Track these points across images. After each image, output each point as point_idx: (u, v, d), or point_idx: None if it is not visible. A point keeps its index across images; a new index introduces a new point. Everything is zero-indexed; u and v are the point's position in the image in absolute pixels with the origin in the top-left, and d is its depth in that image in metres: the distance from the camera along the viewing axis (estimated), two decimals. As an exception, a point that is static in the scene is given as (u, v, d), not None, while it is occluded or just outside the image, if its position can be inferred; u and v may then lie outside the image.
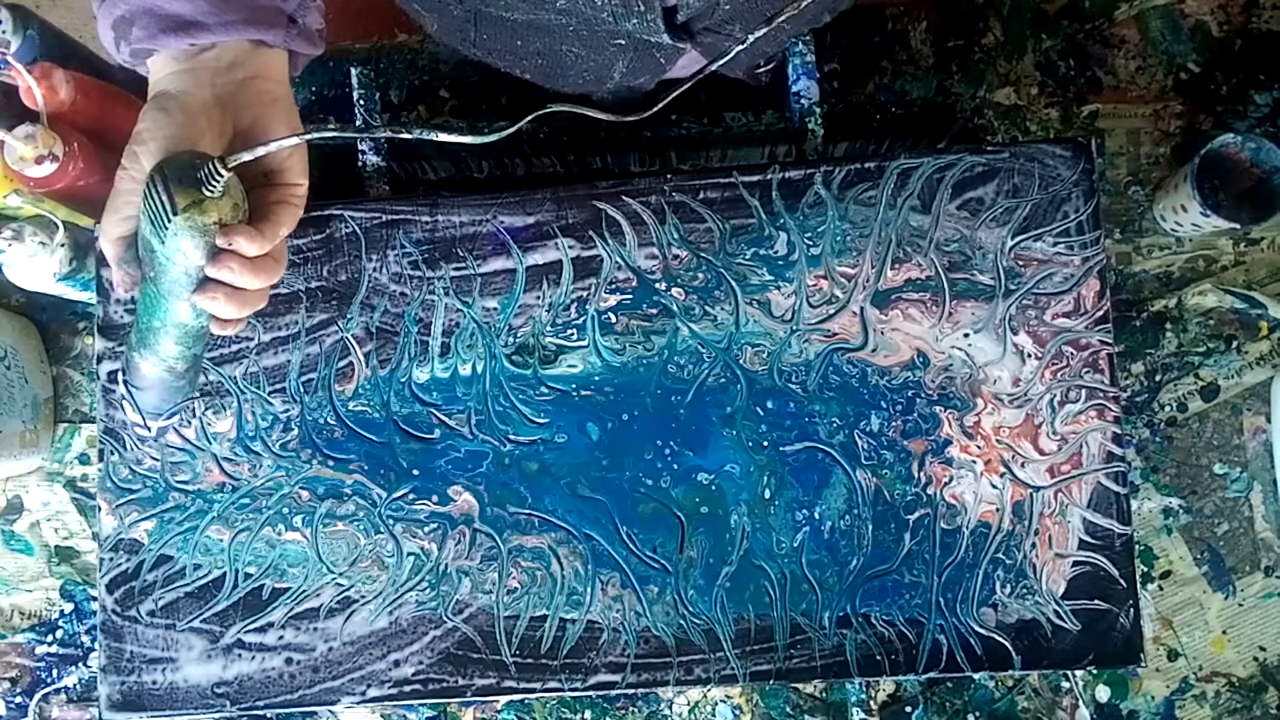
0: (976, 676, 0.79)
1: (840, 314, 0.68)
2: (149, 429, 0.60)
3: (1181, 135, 0.83)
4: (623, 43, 0.62)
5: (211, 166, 0.45)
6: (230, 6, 0.48)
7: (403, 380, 0.70)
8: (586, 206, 0.70)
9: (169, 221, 0.45)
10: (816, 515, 0.68)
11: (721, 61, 0.62)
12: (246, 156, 0.46)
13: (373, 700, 0.68)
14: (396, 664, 0.68)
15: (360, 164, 0.77)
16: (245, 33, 0.49)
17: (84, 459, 0.86)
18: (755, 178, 0.69)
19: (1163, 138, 0.83)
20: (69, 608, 0.85)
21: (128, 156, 0.48)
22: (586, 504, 0.68)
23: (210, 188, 0.45)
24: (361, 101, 0.76)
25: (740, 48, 0.62)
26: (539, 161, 0.85)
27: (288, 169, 0.50)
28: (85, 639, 0.85)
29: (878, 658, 0.67)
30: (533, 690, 0.68)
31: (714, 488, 0.68)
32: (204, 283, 0.48)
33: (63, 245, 0.77)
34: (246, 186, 0.48)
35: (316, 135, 0.47)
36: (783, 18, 0.61)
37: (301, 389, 0.70)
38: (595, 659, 0.68)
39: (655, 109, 0.64)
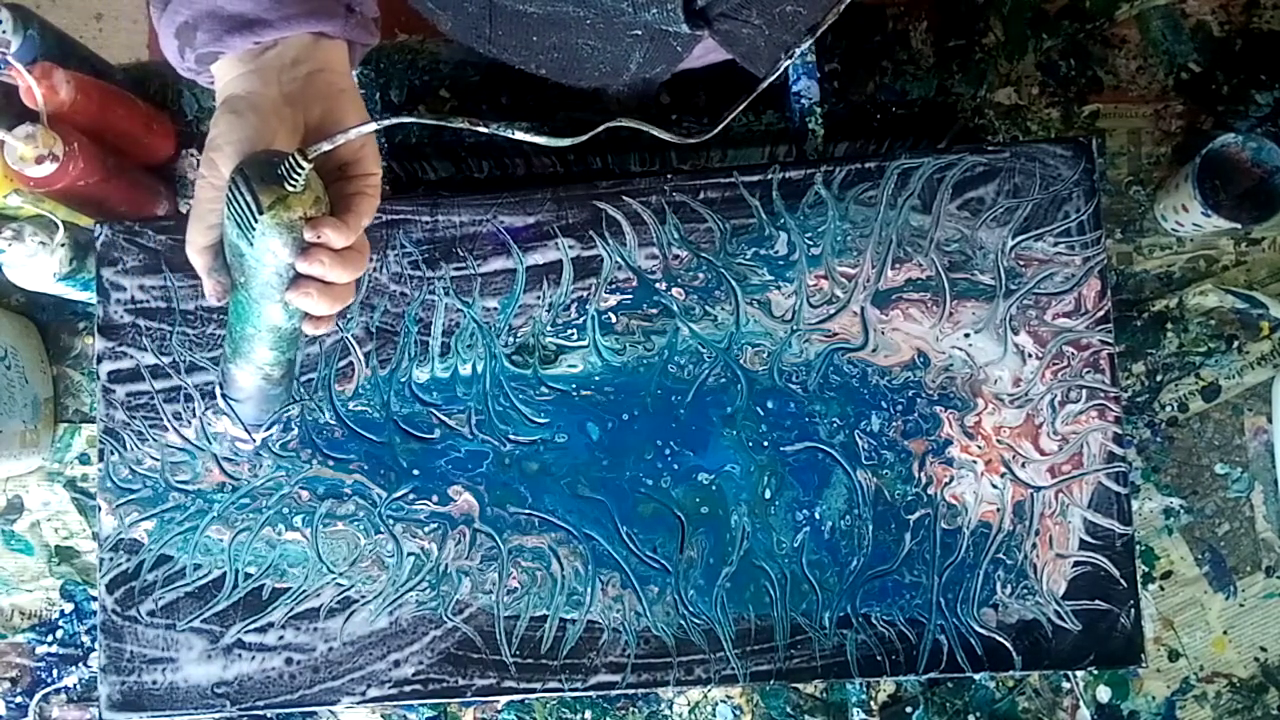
0: (977, 677, 0.79)
1: (841, 314, 0.68)
2: (253, 440, 0.59)
3: (1182, 135, 0.83)
4: (639, 33, 0.62)
5: (292, 161, 0.44)
6: (290, 0, 0.48)
7: (403, 380, 0.70)
8: (586, 206, 0.70)
9: (256, 221, 0.45)
10: (817, 515, 0.67)
11: (771, 77, 0.62)
12: (326, 146, 0.45)
13: (373, 700, 0.68)
14: (396, 664, 0.68)
15: (360, 164, 0.76)
16: (307, 25, 0.49)
17: (84, 459, 0.86)
18: (755, 178, 0.69)
19: (1164, 137, 0.83)
20: (69, 608, 0.85)
21: (205, 165, 0.48)
22: (587, 504, 0.68)
23: (292, 182, 0.45)
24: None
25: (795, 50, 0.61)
26: (539, 161, 0.85)
27: (361, 159, 0.50)
28: (85, 639, 0.85)
29: (878, 658, 0.67)
30: (533, 690, 0.68)
31: (714, 488, 0.68)
32: (295, 280, 0.48)
33: (63, 245, 0.77)
34: (323, 181, 0.48)
35: (393, 121, 0.47)
36: (830, 20, 0.61)
37: (301, 389, 0.70)
38: (595, 659, 0.68)
39: (717, 130, 0.63)
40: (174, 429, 0.71)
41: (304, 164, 0.44)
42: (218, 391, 0.56)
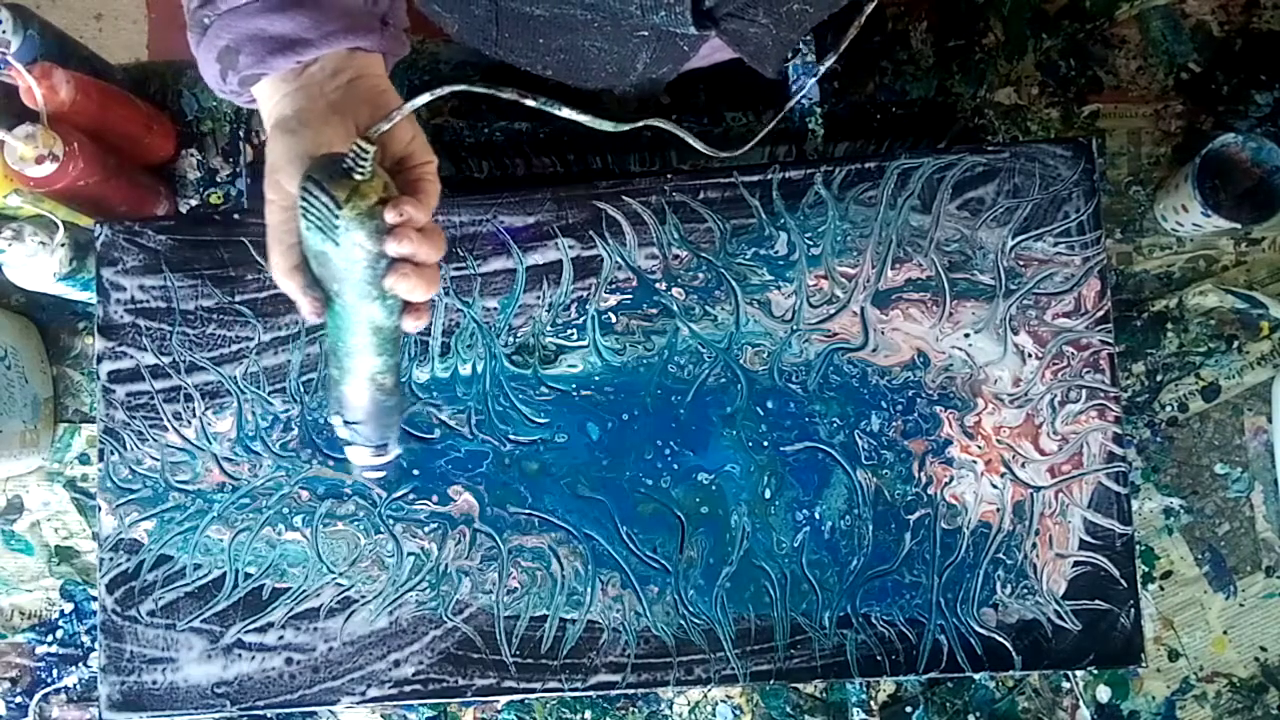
0: (977, 677, 0.79)
1: (840, 314, 0.68)
2: (385, 463, 0.58)
3: (1182, 135, 0.83)
4: (646, 34, 0.62)
5: (357, 148, 0.45)
6: (329, 18, 0.49)
7: (403, 380, 0.70)
8: (586, 206, 0.70)
9: (337, 218, 0.45)
10: (817, 515, 0.67)
11: (801, 94, 0.62)
12: (385, 125, 0.46)
13: (373, 700, 0.68)
14: (396, 664, 0.68)
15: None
16: (347, 41, 0.50)
17: (84, 459, 0.86)
18: (755, 178, 0.69)
19: (1163, 137, 0.83)
20: (69, 608, 0.85)
21: (270, 188, 0.49)
22: (586, 504, 0.68)
23: (361, 170, 0.45)
24: (361, 101, 0.76)
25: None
26: (539, 161, 0.85)
27: (414, 151, 0.51)
28: (85, 639, 0.85)
29: (878, 658, 0.67)
30: (533, 690, 0.68)
31: (714, 488, 0.68)
32: (390, 266, 0.48)
33: (63, 245, 0.77)
34: None
35: (449, 90, 0.47)
36: (852, 33, 0.61)
37: (301, 389, 0.70)
38: (595, 659, 0.68)
39: (750, 146, 0.63)
40: (174, 429, 0.71)
41: (367, 147, 0.45)
42: (335, 422, 0.55)
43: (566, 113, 0.49)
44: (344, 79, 0.50)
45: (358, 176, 0.45)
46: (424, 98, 0.46)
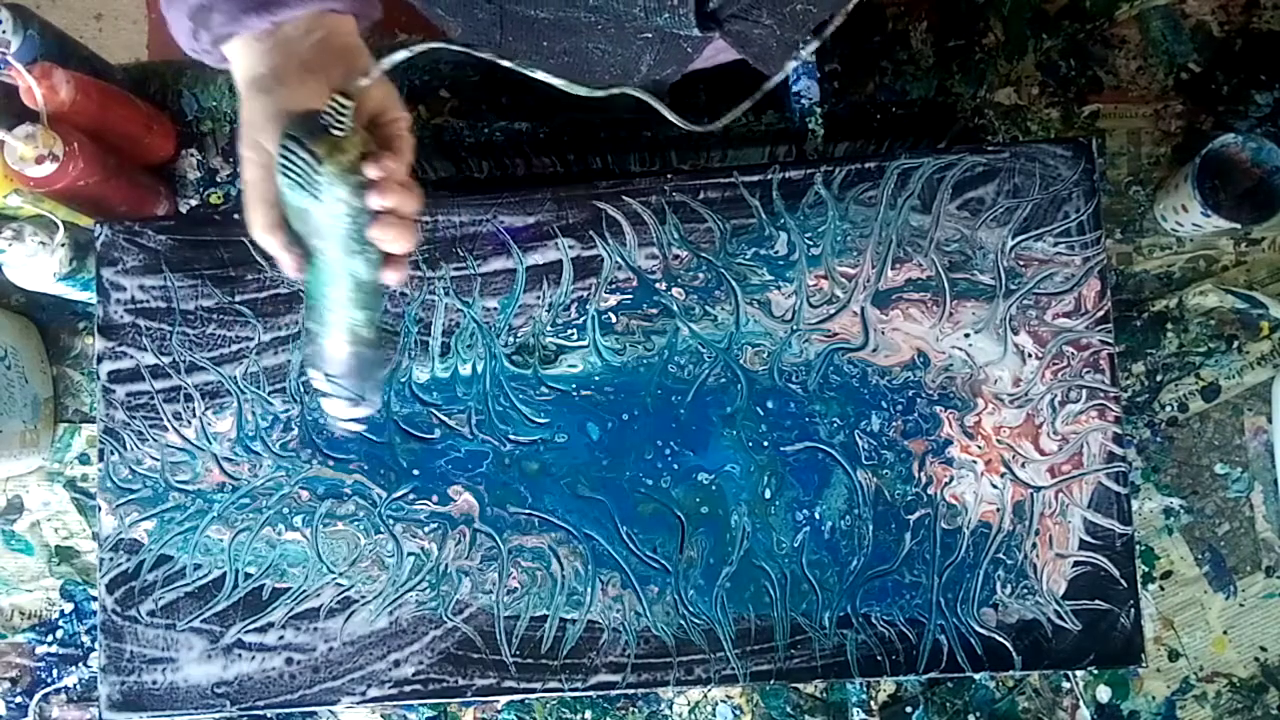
0: (977, 677, 0.79)
1: (841, 314, 0.68)
2: (362, 417, 0.58)
3: (1182, 135, 0.83)
4: (650, 36, 0.62)
5: (335, 103, 0.46)
6: None
7: (403, 380, 0.70)
8: (586, 206, 0.70)
9: (318, 174, 0.46)
10: (817, 515, 0.67)
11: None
12: (364, 81, 0.47)
13: (373, 700, 0.68)
14: (396, 664, 0.68)
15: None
16: (320, 2, 0.50)
17: (84, 459, 0.86)
18: (755, 178, 0.69)
19: (1163, 138, 0.83)
20: (69, 608, 0.85)
21: (247, 147, 0.49)
22: (587, 504, 0.68)
23: (339, 126, 0.46)
24: (362, 101, 0.76)
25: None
26: (539, 161, 0.85)
27: (387, 108, 0.52)
28: (85, 639, 0.85)
29: (878, 658, 0.67)
30: (533, 690, 0.68)
31: (714, 488, 0.68)
32: (373, 219, 0.49)
33: (63, 245, 0.77)
34: None
35: (424, 47, 0.47)
36: (838, 21, 0.61)
37: (301, 389, 0.70)
38: (595, 659, 0.68)
39: (723, 122, 0.64)
40: (174, 429, 0.71)
41: (346, 103, 0.46)
42: (314, 376, 0.55)
43: (541, 75, 0.50)
44: (316, 37, 0.51)
45: (337, 132, 0.46)
46: (401, 54, 0.47)
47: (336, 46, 0.51)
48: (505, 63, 0.49)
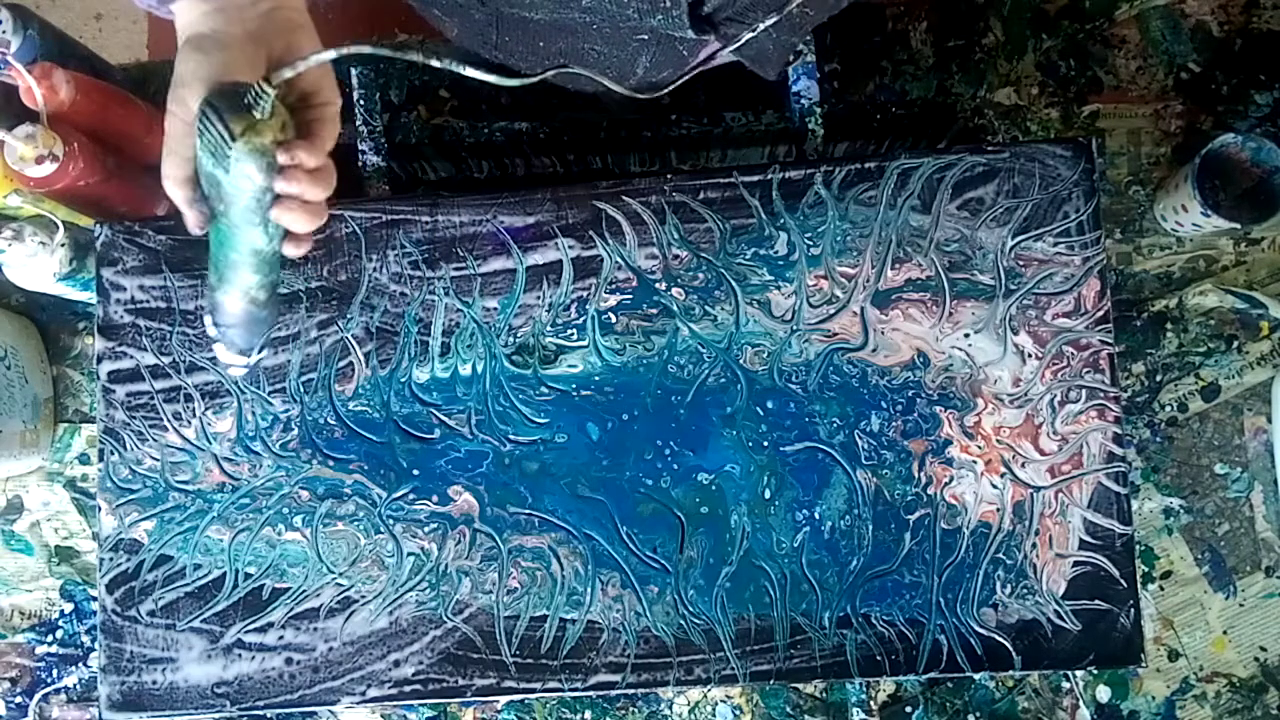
0: (977, 677, 0.79)
1: (840, 314, 0.68)
2: (245, 365, 0.60)
3: (1182, 135, 0.83)
4: (645, 38, 0.62)
5: (258, 88, 0.47)
6: None
7: (403, 380, 0.70)
8: (586, 206, 0.70)
9: (229, 149, 0.47)
10: (817, 515, 0.67)
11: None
12: (288, 73, 0.48)
13: (373, 700, 0.68)
14: (396, 664, 0.68)
15: (360, 164, 0.77)
16: None
17: (84, 459, 0.86)
18: (755, 178, 0.69)
19: (1163, 138, 0.83)
20: (69, 608, 0.85)
21: (174, 101, 0.50)
22: (586, 504, 0.68)
23: (260, 108, 0.47)
24: (361, 101, 0.76)
25: (751, 33, 0.62)
26: (539, 161, 0.85)
27: (320, 89, 0.53)
28: (85, 639, 0.85)
29: (878, 658, 0.67)
30: (533, 690, 0.68)
31: (714, 488, 0.68)
32: (276, 200, 0.50)
33: (63, 245, 0.77)
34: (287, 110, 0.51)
35: (347, 50, 0.49)
36: (797, 1, 0.62)
37: (301, 389, 0.70)
38: (595, 659, 0.68)
39: (673, 85, 0.64)
40: (174, 429, 0.71)
41: (269, 90, 0.47)
42: (207, 321, 0.58)
43: (470, 72, 0.51)
44: (264, 7, 0.51)
45: (256, 115, 0.47)
46: (330, 53, 0.48)
47: (281, 20, 0.52)
48: (435, 63, 0.49)
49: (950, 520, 0.67)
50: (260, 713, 0.70)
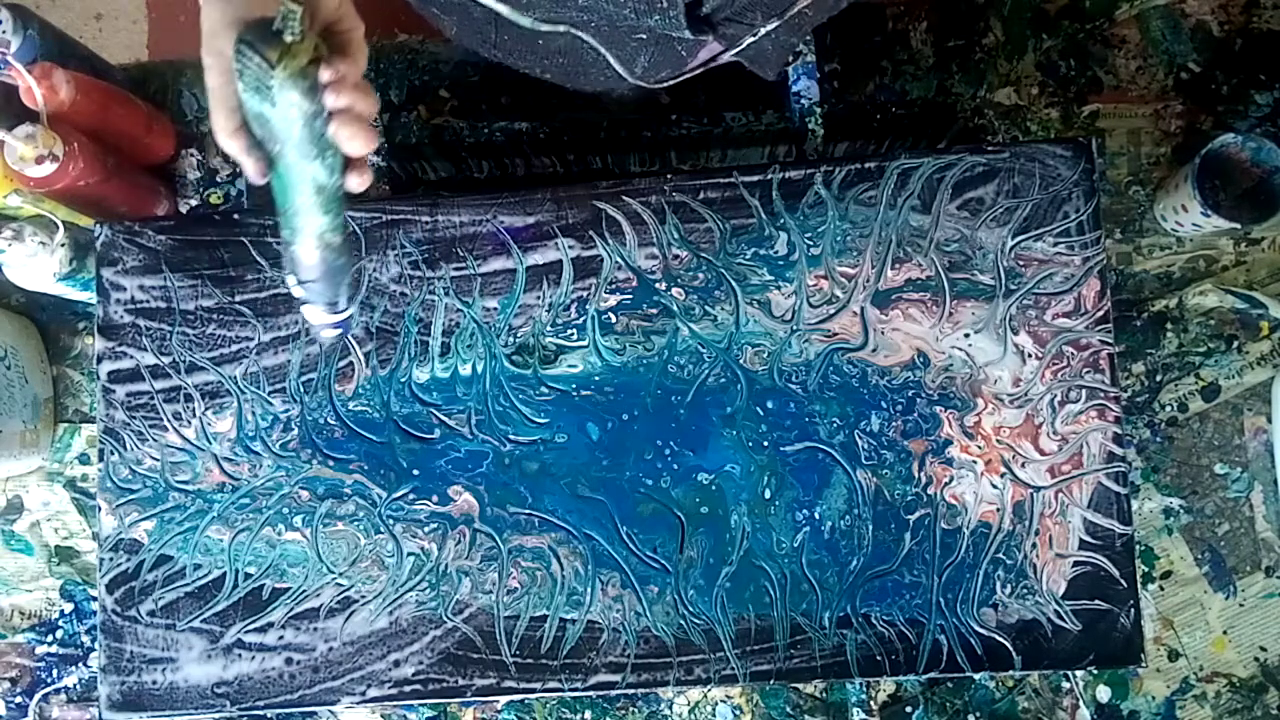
0: (977, 677, 0.79)
1: (840, 314, 0.68)
2: (338, 324, 0.60)
3: (1182, 135, 0.83)
4: (644, 37, 0.62)
5: (284, 8, 0.47)
6: None
7: (403, 380, 0.70)
8: (586, 206, 0.70)
9: (271, 79, 0.47)
10: (817, 515, 0.67)
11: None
12: None
13: (373, 700, 0.68)
14: (396, 664, 0.68)
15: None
16: None
17: (84, 459, 0.86)
18: (755, 178, 0.69)
19: (1163, 138, 0.83)
20: (69, 608, 0.85)
21: (208, 53, 0.50)
22: (586, 504, 0.68)
23: (291, 30, 0.47)
24: (361, 101, 0.76)
25: (754, 37, 0.62)
26: (539, 161, 0.85)
27: (343, 15, 0.53)
28: (85, 639, 0.85)
29: (878, 658, 0.67)
30: (533, 690, 0.68)
31: (714, 488, 0.68)
32: (329, 120, 0.50)
33: (63, 245, 0.77)
34: None
35: None
36: (802, 3, 0.61)
37: (301, 389, 0.70)
38: (595, 659, 0.68)
39: (676, 80, 0.64)
40: (174, 429, 0.71)
41: (294, 8, 0.47)
42: (290, 282, 0.57)
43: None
44: None
45: (288, 38, 0.47)
46: None
47: None
48: None
49: (950, 520, 0.67)
50: (260, 713, 0.70)
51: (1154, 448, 0.81)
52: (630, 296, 0.69)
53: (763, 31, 0.63)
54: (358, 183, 0.54)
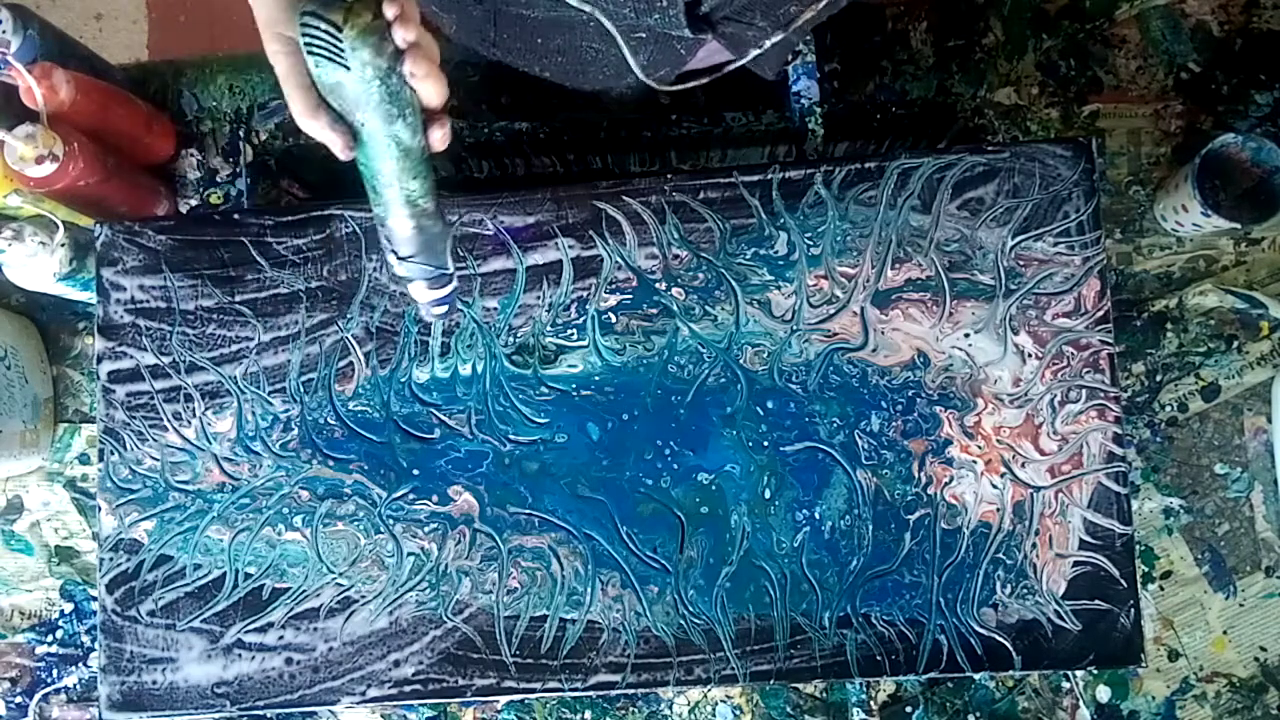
0: (977, 677, 0.79)
1: (840, 314, 0.68)
2: (445, 298, 0.60)
3: (1182, 135, 0.83)
4: (643, 35, 0.62)
5: None
6: None
7: (403, 380, 0.70)
8: (586, 206, 0.70)
9: (341, 41, 0.47)
10: (817, 515, 0.67)
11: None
12: None
13: (373, 700, 0.68)
14: (396, 664, 0.68)
15: (360, 164, 0.76)
16: None
17: (84, 459, 0.86)
18: (755, 178, 0.69)
19: (1163, 138, 0.83)
20: (69, 608, 0.85)
21: (272, 41, 0.51)
22: (586, 504, 0.68)
23: None
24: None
25: (766, 44, 0.62)
26: (539, 161, 0.85)
27: None
28: (85, 639, 0.85)
29: (878, 658, 0.67)
30: (533, 690, 0.68)
31: (714, 488, 0.68)
32: (404, 54, 0.50)
33: (63, 245, 0.77)
34: None
35: None
36: (806, 15, 0.61)
37: (301, 389, 0.70)
38: (595, 659, 0.68)
39: (687, 86, 0.64)
40: (174, 429, 0.71)
41: None
42: (391, 260, 0.57)
43: None
44: None
45: None
46: None
47: None
48: None
49: (950, 520, 0.67)
50: (260, 713, 0.70)
51: (1154, 448, 0.81)
52: (630, 296, 0.69)
53: (768, 43, 0.63)
54: (440, 137, 0.53)
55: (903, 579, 0.67)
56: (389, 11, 0.48)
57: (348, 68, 0.48)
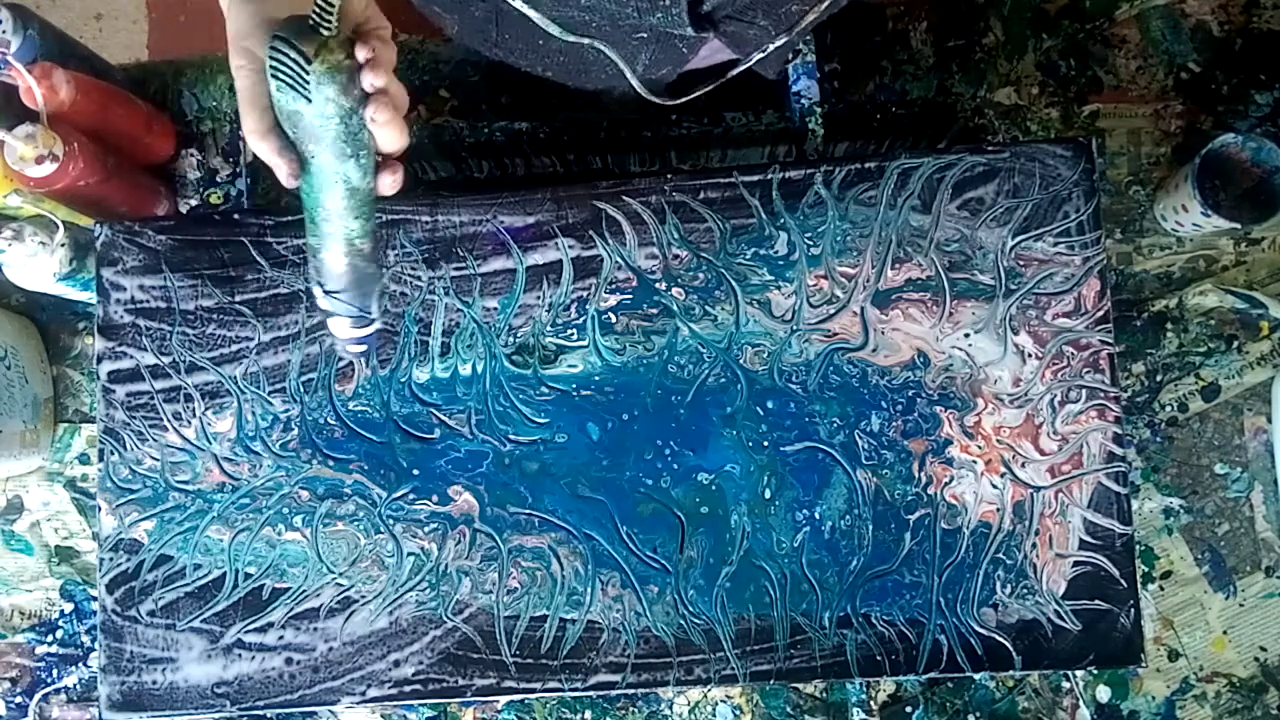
0: (977, 677, 0.79)
1: (840, 314, 0.68)
2: (364, 337, 0.59)
3: (1182, 135, 0.83)
4: (645, 35, 0.62)
5: (319, 5, 0.47)
6: None
7: (403, 380, 0.70)
8: (586, 206, 0.70)
9: (308, 74, 0.47)
10: (817, 515, 0.67)
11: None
12: None
13: (373, 700, 0.68)
14: (396, 664, 0.68)
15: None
16: None
17: (84, 459, 0.86)
18: (755, 178, 0.69)
19: (1163, 137, 0.83)
20: (69, 608, 0.85)
21: (238, 55, 0.50)
22: (586, 504, 0.68)
23: (327, 25, 0.47)
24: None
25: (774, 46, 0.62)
26: (539, 161, 0.85)
27: (370, 16, 0.53)
28: (85, 639, 0.85)
29: (878, 658, 0.67)
30: (533, 690, 0.68)
31: (714, 488, 0.68)
32: (368, 100, 0.49)
33: (63, 245, 0.77)
34: None
35: None
36: (810, 17, 0.61)
37: (301, 389, 0.70)
38: (595, 659, 0.68)
39: (690, 98, 0.64)
40: (174, 429, 0.71)
41: (332, 1, 0.47)
42: (316, 293, 0.56)
43: None
44: None
45: (324, 32, 0.47)
46: None
47: None
48: None
49: (950, 520, 0.67)
50: (260, 713, 0.70)
51: (1154, 448, 0.81)
52: (630, 296, 0.69)
53: (772, 47, 0.63)
54: (390, 182, 0.53)
55: (903, 579, 0.67)
56: (361, 55, 0.48)
57: (309, 100, 0.48)
